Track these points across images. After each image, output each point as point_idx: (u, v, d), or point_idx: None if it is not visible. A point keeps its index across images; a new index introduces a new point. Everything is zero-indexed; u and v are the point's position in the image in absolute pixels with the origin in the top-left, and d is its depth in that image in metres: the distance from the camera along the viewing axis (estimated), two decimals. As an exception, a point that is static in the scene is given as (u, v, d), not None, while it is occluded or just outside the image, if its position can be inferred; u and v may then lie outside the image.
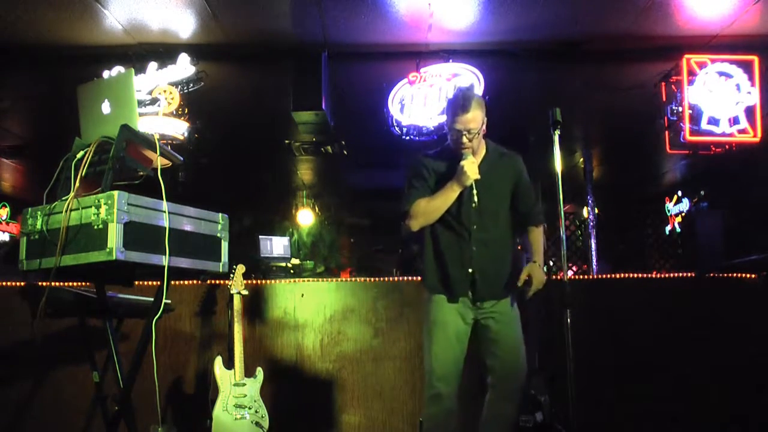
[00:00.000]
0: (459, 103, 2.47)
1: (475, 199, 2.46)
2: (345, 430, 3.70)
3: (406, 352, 3.77)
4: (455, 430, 2.55)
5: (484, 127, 2.52)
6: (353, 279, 3.99)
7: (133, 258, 1.97)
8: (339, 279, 4.08)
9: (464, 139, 2.47)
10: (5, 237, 9.77)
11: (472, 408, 2.64)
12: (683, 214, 8.65)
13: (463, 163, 2.44)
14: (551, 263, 8.13)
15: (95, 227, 1.95)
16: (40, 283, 2.28)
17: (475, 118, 2.45)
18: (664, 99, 5.24)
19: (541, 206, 2.66)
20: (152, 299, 2.25)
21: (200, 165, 6.52)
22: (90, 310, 2.58)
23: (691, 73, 5.02)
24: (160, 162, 2.22)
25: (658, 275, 4.05)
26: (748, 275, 3.80)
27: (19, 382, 3.54)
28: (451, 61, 5.05)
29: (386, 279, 3.93)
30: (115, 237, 1.91)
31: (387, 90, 5.20)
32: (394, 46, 5.02)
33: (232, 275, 3.35)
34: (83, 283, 3.16)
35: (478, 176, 2.43)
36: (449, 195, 2.49)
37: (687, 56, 5.01)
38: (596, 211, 8.01)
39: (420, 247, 2.72)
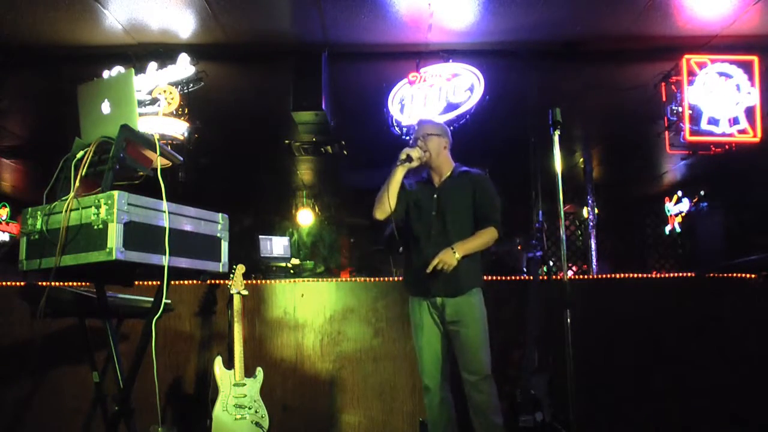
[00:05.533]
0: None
1: (435, 197, 2.91)
2: (345, 430, 3.70)
3: (406, 352, 3.77)
4: (451, 418, 2.88)
5: (444, 149, 2.97)
6: (353, 279, 3.99)
7: (133, 258, 1.96)
8: (339, 279, 4.07)
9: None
10: (5, 237, 9.75)
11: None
12: (683, 214, 8.63)
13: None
14: (551, 263, 8.11)
15: (95, 227, 1.94)
16: (40, 283, 2.27)
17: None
18: (664, 99, 5.24)
19: (499, 215, 2.92)
20: (152, 299, 2.25)
21: (200, 165, 6.51)
22: (90, 310, 2.58)
23: (691, 74, 5.01)
24: (160, 162, 2.21)
25: (658, 275, 4.05)
26: (748, 275, 3.80)
27: (19, 382, 3.54)
28: (451, 61, 5.04)
29: (386, 279, 3.93)
30: (115, 237, 1.90)
31: (387, 90, 5.19)
32: (394, 46, 5.01)
33: (232, 275, 3.35)
34: (83, 283, 3.16)
35: (411, 151, 2.81)
36: (391, 178, 2.84)
37: (687, 56, 5.01)
38: (596, 211, 8.00)
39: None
